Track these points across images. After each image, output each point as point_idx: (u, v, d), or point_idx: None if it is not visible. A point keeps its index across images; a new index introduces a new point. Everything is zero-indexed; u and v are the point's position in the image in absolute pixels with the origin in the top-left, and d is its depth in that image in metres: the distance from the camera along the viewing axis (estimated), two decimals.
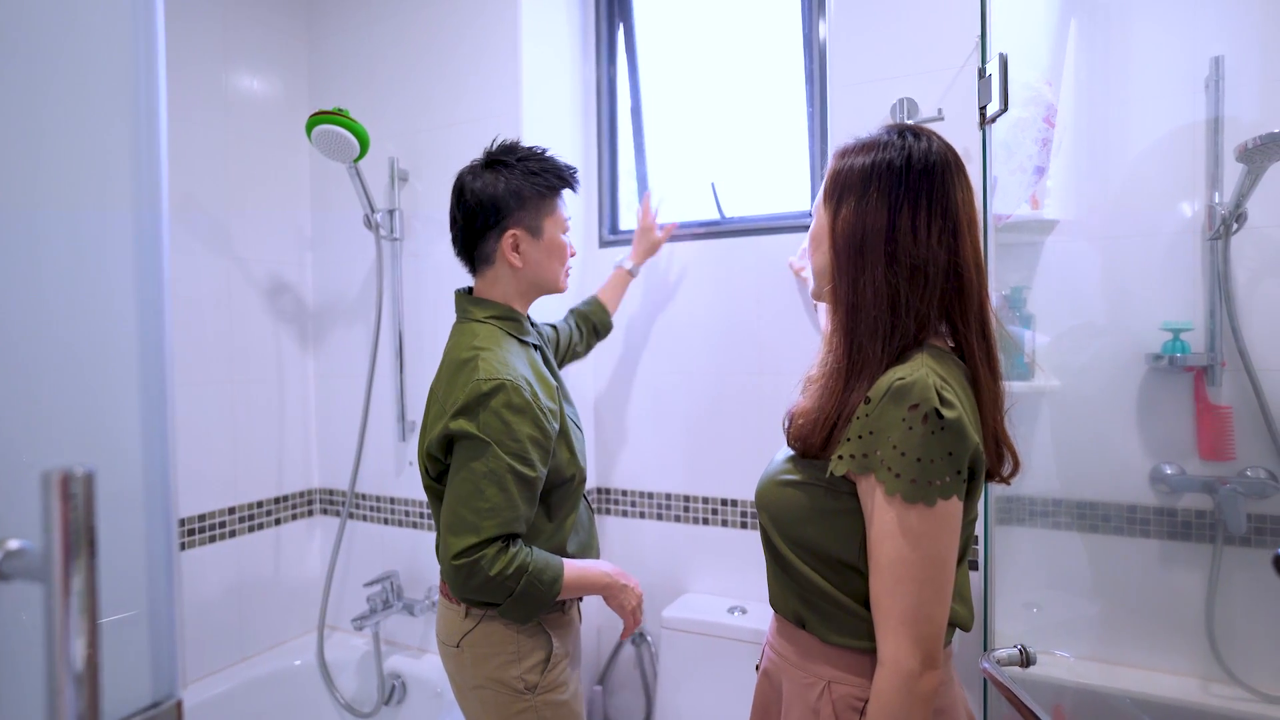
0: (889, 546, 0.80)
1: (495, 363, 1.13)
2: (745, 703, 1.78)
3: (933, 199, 0.84)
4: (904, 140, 0.87)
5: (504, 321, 1.24)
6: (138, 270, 0.54)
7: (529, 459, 1.11)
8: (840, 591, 0.88)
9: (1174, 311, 1.54)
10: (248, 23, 2.06)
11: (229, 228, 1.99)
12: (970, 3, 1.45)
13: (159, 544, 0.55)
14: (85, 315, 0.51)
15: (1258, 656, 1.47)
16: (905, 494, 0.78)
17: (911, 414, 0.77)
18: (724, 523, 1.99)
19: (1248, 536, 1.47)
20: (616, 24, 2.16)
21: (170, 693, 0.55)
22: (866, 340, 0.85)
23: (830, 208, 0.89)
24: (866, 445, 0.81)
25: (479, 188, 1.23)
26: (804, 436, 0.88)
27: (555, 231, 1.27)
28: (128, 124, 0.54)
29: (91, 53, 0.52)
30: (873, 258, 0.84)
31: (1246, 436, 1.47)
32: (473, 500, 1.08)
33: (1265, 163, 1.36)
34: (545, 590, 1.13)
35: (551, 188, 1.26)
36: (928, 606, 0.80)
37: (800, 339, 1.88)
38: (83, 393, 0.51)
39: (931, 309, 0.85)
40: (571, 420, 1.26)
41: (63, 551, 0.43)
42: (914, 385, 0.78)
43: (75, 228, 0.51)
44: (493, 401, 1.09)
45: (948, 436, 0.78)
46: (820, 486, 0.87)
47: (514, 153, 1.26)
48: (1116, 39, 1.61)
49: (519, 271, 1.25)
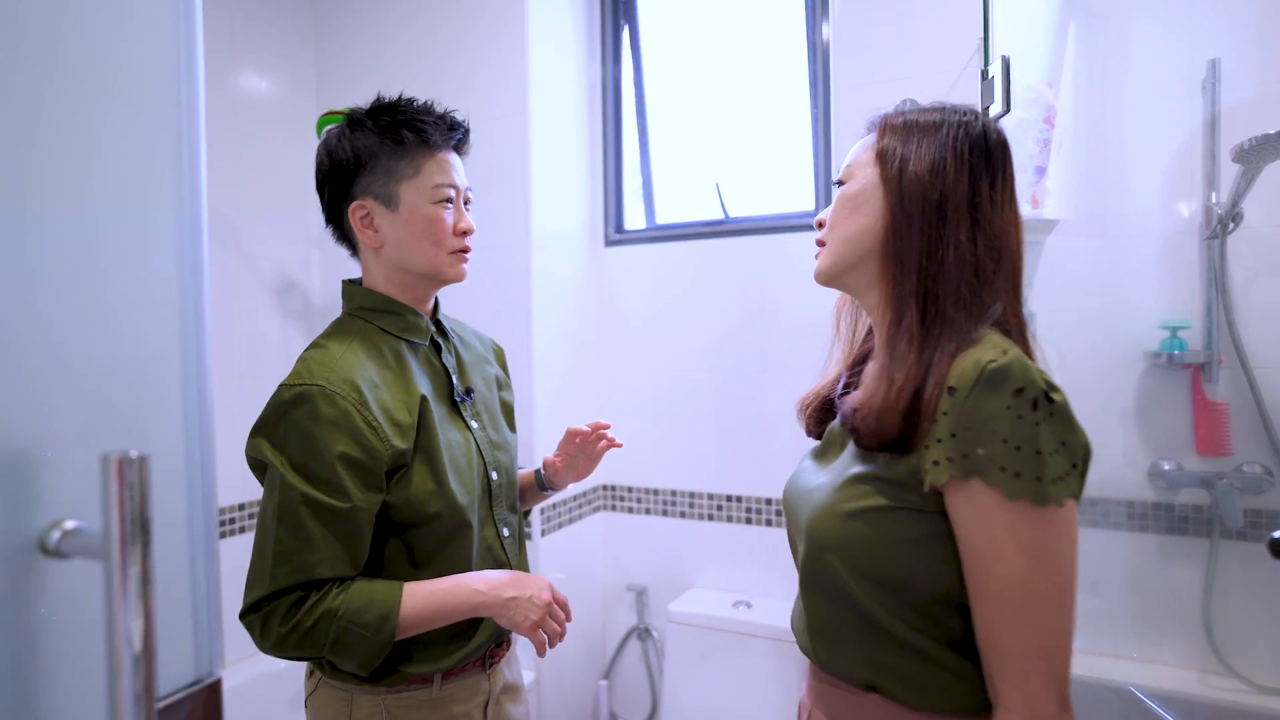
0: (1005, 567, 0.65)
1: (314, 364, 0.91)
2: (750, 697, 1.81)
3: (1006, 174, 0.76)
4: (977, 116, 0.78)
5: (375, 314, 1.00)
6: (179, 266, 0.56)
7: (338, 485, 0.87)
8: (934, 640, 0.71)
9: (1172, 310, 1.56)
10: (255, 21, 2.07)
11: (237, 226, 2.01)
12: (970, 5, 1.47)
13: (200, 529, 0.57)
14: (132, 309, 0.53)
15: (1254, 649, 1.49)
16: (1035, 495, 0.64)
17: (1017, 400, 0.65)
18: (729, 518, 2.01)
19: (1244, 531, 1.50)
20: (621, 24, 2.19)
21: (210, 671, 0.57)
22: (950, 306, 0.72)
23: (890, 162, 0.76)
24: (964, 444, 0.66)
25: (322, 151, 1.01)
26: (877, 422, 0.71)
27: (418, 200, 0.97)
28: (170, 127, 0.56)
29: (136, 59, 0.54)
30: (956, 219, 0.73)
31: (1243, 432, 1.50)
32: (262, 544, 0.88)
33: (1261, 163, 1.39)
34: (371, 633, 0.87)
35: (401, 142, 0.96)
36: (1057, 636, 0.65)
37: (803, 336, 1.90)
38: (129, 382, 0.53)
39: (1008, 294, 0.74)
40: (451, 444, 0.99)
41: (120, 533, 0.45)
42: (1011, 367, 0.66)
43: (123, 227, 0.53)
44: (295, 413, 0.88)
45: (1059, 424, 0.65)
46: (909, 509, 0.70)
47: (374, 106, 1.01)
48: (1115, 41, 1.64)
49: (381, 253, 1.00)
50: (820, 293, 1.89)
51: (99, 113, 0.51)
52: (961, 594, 0.70)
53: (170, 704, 0.53)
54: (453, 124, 1.02)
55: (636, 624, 2.13)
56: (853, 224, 0.78)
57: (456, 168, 1.02)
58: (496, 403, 1.13)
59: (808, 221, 1.93)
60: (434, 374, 1.04)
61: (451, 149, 1.02)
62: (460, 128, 1.03)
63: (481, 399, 1.09)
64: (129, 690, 0.44)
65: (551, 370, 1.97)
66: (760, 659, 1.78)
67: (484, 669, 1.02)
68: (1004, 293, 0.74)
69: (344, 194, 0.99)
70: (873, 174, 0.78)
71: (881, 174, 0.77)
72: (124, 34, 0.53)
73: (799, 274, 1.92)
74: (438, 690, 0.97)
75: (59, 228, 0.48)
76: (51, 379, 0.48)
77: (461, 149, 1.05)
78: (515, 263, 1.92)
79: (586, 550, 2.13)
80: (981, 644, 0.69)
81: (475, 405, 1.07)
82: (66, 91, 0.49)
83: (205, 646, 0.57)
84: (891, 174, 0.76)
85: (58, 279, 0.48)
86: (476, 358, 1.14)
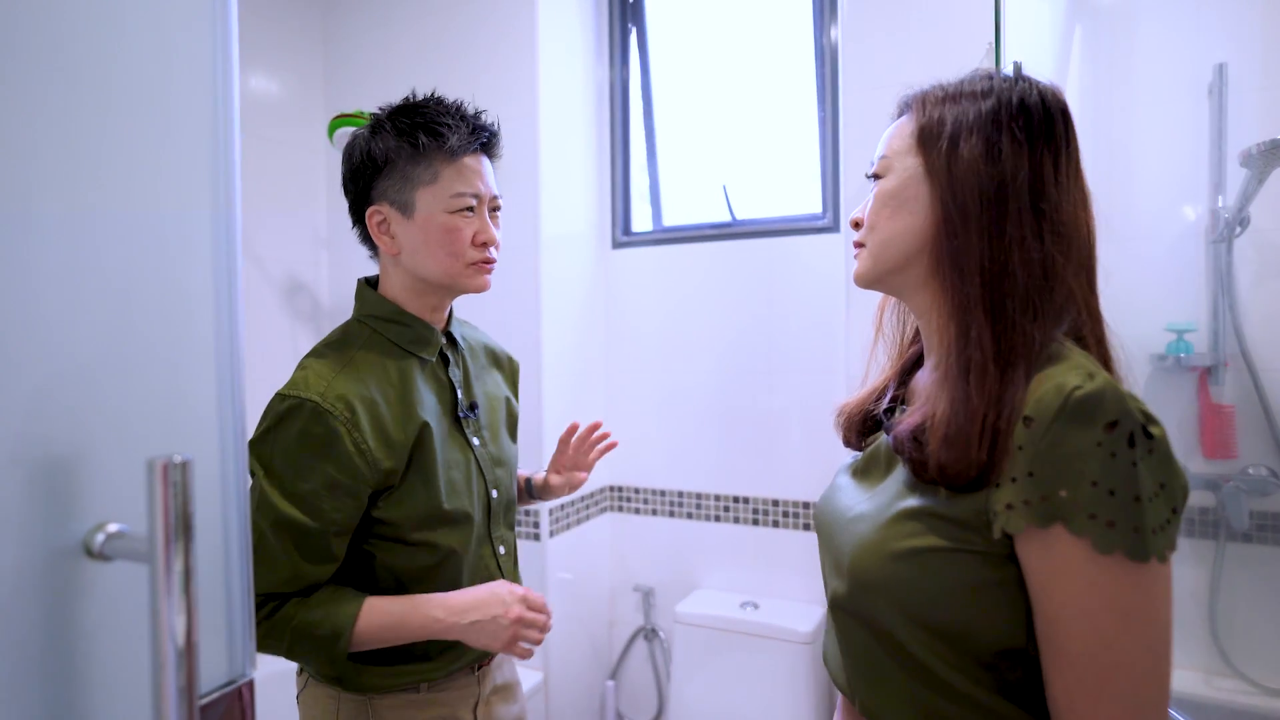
0: (1090, 628, 0.56)
1: (312, 375, 0.89)
2: (757, 697, 1.82)
3: (1071, 146, 0.66)
4: (1017, 81, 0.67)
5: (384, 324, 0.98)
6: (214, 268, 0.57)
7: (315, 505, 0.86)
8: (990, 690, 0.62)
9: (1178, 313, 1.57)
10: (264, 23, 2.08)
11: (245, 227, 2.01)
12: (977, 9, 1.48)
13: (235, 530, 0.58)
14: (169, 312, 0.54)
15: (1260, 650, 1.51)
16: (1131, 548, 0.55)
17: (1110, 436, 0.55)
18: (736, 519, 2.02)
19: (1250, 533, 1.51)
20: (629, 27, 2.19)
21: (244, 672, 0.58)
22: (1020, 316, 0.62)
23: (935, 150, 0.66)
24: (1044, 485, 0.57)
25: (345, 153, 0.99)
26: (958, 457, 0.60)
27: (434, 208, 0.93)
28: (205, 128, 0.56)
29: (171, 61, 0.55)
30: (1019, 211, 0.63)
31: (1249, 435, 1.51)
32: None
33: (1268, 168, 1.40)
34: (323, 647, 0.87)
35: (417, 147, 0.92)
36: (1151, 710, 0.56)
37: (811, 338, 1.91)
38: (165, 386, 0.54)
39: (1081, 288, 0.65)
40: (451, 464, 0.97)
41: (164, 535, 0.45)
42: (1103, 395, 0.56)
43: (160, 230, 0.54)
44: (285, 426, 0.87)
45: (1157, 463, 0.56)
46: (971, 551, 0.61)
47: (398, 107, 0.98)
48: (1121, 45, 1.65)
49: (398, 260, 0.97)
50: (827, 295, 1.91)
51: (135, 115, 0.51)
52: (1029, 645, 0.61)
53: (208, 703, 0.54)
54: (475, 127, 0.96)
55: (643, 624, 2.14)
56: (895, 224, 0.69)
57: (482, 175, 0.97)
58: (501, 414, 1.11)
59: (815, 224, 1.94)
60: (439, 388, 1.01)
61: (479, 153, 0.97)
62: (485, 130, 0.97)
63: (485, 413, 1.06)
64: (173, 686, 0.45)
65: (560, 372, 1.98)
66: (767, 660, 1.79)
67: (473, 672, 1.02)
68: (1077, 289, 0.65)
69: (364, 198, 0.97)
70: (914, 164, 0.68)
71: (925, 164, 0.67)
72: (160, 36, 0.54)
73: (806, 276, 1.92)
74: (425, 693, 0.97)
75: (95, 231, 0.49)
76: (92, 384, 0.49)
77: (491, 152, 1.00)
78: (524, 265, 1.92)
79: (593, 551, 2.14)
80: (1057, 709, 0.59)
81: (478, 421, 1.04)
82: (104, 94, 0.50)
83: (239, 646, 0.57)
84: (938, 163, 0.66)
85: (94, 282, 0.49)
86: (484, 368, 1.11)
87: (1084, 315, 0.66)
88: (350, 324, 1.00)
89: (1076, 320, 0.66)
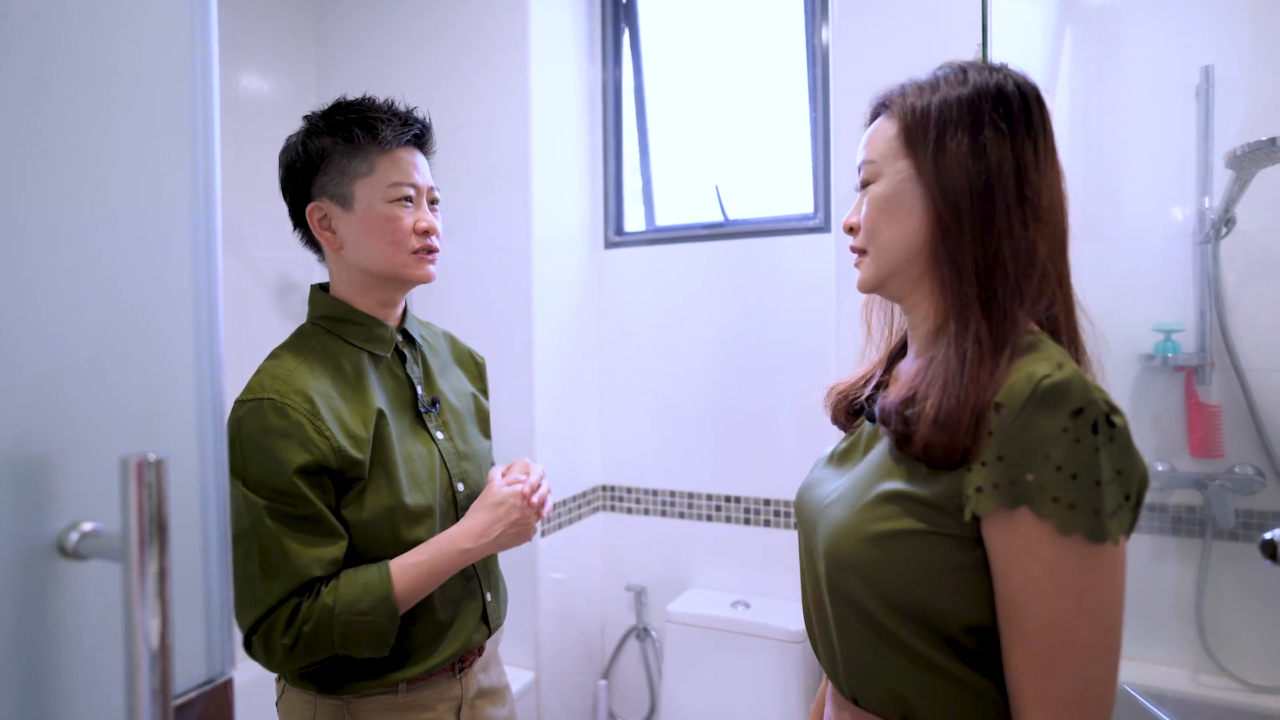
0: (1046, 607, 0.59)
1: (266, 377, 0.91)
2: (749, 696, 1.82)
3: (1047, 132, 0.68)
4: (999, 70, 0.69)
5: (337, 324, 0.99)
6: (193, 267, 0.57)
7: (299, 494, 0.87)
8: (964, 664, 0.65)
9: (1166, 313, 1.58)
10: (256, 22, 2.08)
11: (237, 226, 2.01)
12: (969, 11, 1.48)
13: (213, 529, 0.58)
14: (146, 311, 0.54)
15: (1245, 648, 1.51)
16: (1090, 530, 0.57)
17: (1076, 422, 0.58)
18: (727, 519, 2.03)
19: (1236, 531, 1.52)
20: (622, 27, 2.20)
21: (223, 671, 0.58)
22: (1012, 304, 0.65)
23: (923, 151, 0.68)
24: (1013, 469, 0.59)
25: (284, 155, 0.99)
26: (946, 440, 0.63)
27: (373, 198, 0.95)
28: (184, 128, 0.56)
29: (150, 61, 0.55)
30: (1005, 202, 0.65)
31: (1235, 434, 1.51)
32: (245, 566, 0.87)
33: (1253, 169, 1.40)
34: (374, 617, 0.88)
35: (352, 140, 0.94)
36: (1100, 686, 0.59)
37: (802, 338, 1.92)
38: (142, 384, 0.54)
39: (1056, 265, 0.67)
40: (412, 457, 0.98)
41: (139, 534, 0.45)
42: (1070, 384, 0.59)
43: (137, 228, 0.54)
44: (247, 427, 0.87)
45: (1117, 450, 0.58)
46: (943, 534, 0.63)
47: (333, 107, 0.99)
48: (1110, 47, 1.66)
49: (341, 255, 0.99)
50: (819, 295, 1.91)
51: (112, 113, 0.51)
52: (994, 622, 0.64)
53: (184, 703, 0.54)
54: (407, 120, 0.98)
55: (635, 624, 2.14)
56: (894, 230, 0.70)
57: (418, 167, 0.99)
58: (468, 409, 1.11)
59: (807, 224, 1.95)
60: (396, 385, 1.01)
61: (412, 147, 1.00)
62: (417, 123, 0.99)
63: (449, 408, 1.06)
64: (147, 687, 0.45)
65: (552, 372, 1.98)
66: (759, 659, 1.80)
67: (454, 674, 1.01)
68: (1052, 267, 0.67)
69: (303, 196, 0.98)
70: (904, 167, 0.69)
71: (914, 165, 0.68)
72: (139, 35, 0.54)
73: (798, 276, 1.93)
74: (403, 695, 0.97)
75: (74, 229, 0.49)
76: (67, 382, 0.49)
77: (424, 147, 1.02)
78: (516, 265, 1.92)
79: (585, 551, 2.14)
80: (1012, 686, 0.62)
81: (441, 415, 1.04)
82: (81, 92, 0.50)
83: (217, 646, 0.58)
84: (927, 164, 0.67)
85: (72, 281, 0.49)
86: (445, 365, 1.12)
87: (1060, 306, 0.68)
88: (303, 327, 1.01)
89: (1051, 298, 0.68)
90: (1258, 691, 1.47)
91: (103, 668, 0.51)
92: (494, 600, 1.08)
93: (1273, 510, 1.49)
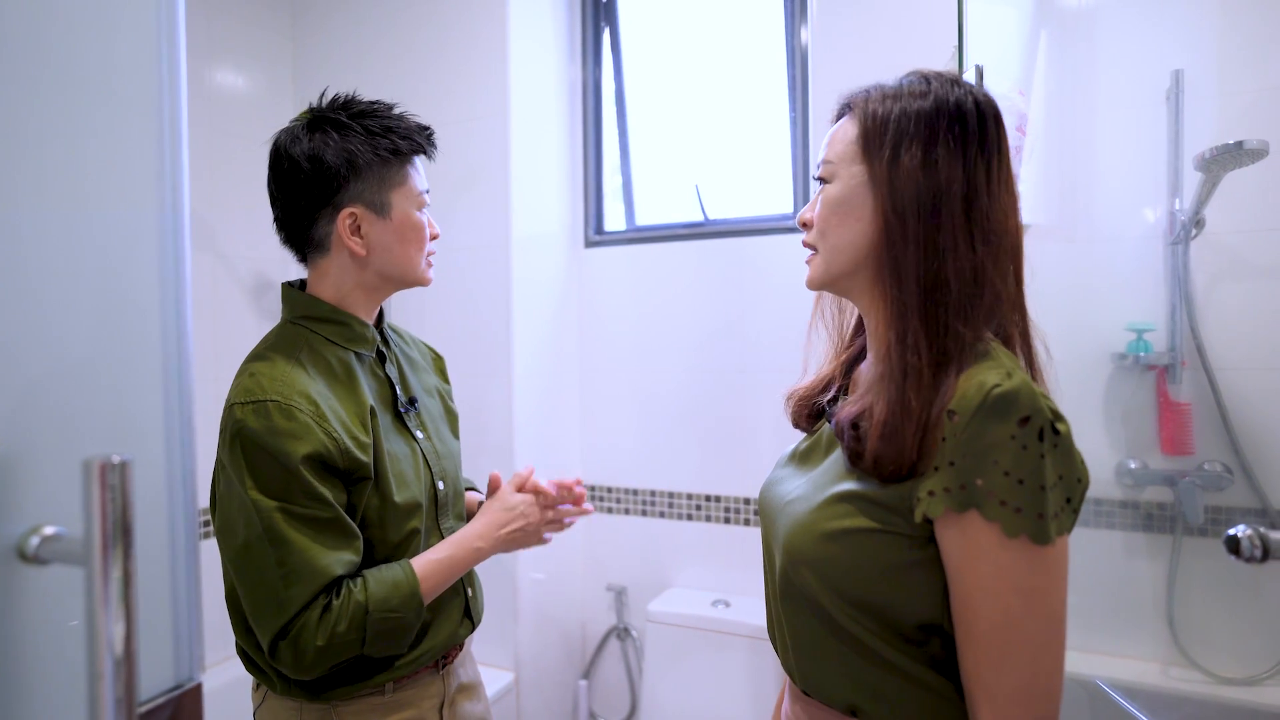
0: (996, 606, 0.61)
1: (264, 379, 0.89)
2: (728, 695, 1.83)
3: (1002, 152, 0.69)
4: (961, 86, 0.70)
5: (320, 324, 0.97)
6: (160, 268, 0.56)
7: (313, 493, 0.85)
8: (916, 661, 0.68)
9: (1138, 312, 1.61)
10: (231, 18, 2.05)
11: (212, 225, 1.98)
12: (946, 13, 1.50)
13: (181, 532, 0.57)
14: (112, 312, 0.53)
15: (1213, 641, 1.54)
16: (1035, 532, 0.60)
17: (1023, 430, 0.60)
18: (708, 518, 2.03)
19: (1204, 527, 1.54)
20: (602, 26, 2.19)
21: (191, 676, 0.57)
22: (953, 319, 0.66)
23: (878, 160, 0.69)
24: (963, 474, 0.62)
25: (302, 154, 0.95)
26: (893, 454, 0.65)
27: (408, 207, 0.98)
28: (152, 127, 0.55)
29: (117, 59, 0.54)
30: (951, 221, 0.67)
31: (1204, 432, 1.54)
32: (263, 573, 0.85)
33: (1221, 172, 1.43)
34: (404, 613, 0.89)
35: (398, 152, 0.97)
36: (1047, 678, 0.62)
37: (782, 338, 1.92)
38: (109, 386, 0.53)
39: (1008, 288, 0.69)
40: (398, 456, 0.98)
41: (102, 538, 0.45)
42: (1018, 392, 0.61)
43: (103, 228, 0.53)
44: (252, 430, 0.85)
45: (1060, 456, 0.62)
46: (895, 534, 0.66)
47: (350, 109, 0.98)
48: (1084, 51, 1.68)
49: (364, 260, 0.98)
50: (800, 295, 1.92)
51: (78, 112, 0.50)
52: (946, 621, 0.66)
53: (150, 709, 0.53)
54: (429, 131, 1.03)
55: (616, 624, 2.14)
56: (843, 232, 0.72)
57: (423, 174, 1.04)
58: (440, 411, 1.12)
59: (787, 224, 1.96)
60: (379, 385, 1.02)
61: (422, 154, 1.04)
62: (430, 131, 1.04)
63: (424, 408, 1.07)
64: (110, 695, 0.44)
65: (531, 372, 1.97)
66: (738, 657, 1.80)
67: (437, 671, 1.02)
68: (1004, 289, 0.69)
69: (325, 200, 0.96)
70: (859, 172, 0.71)
71: (869, 172, 0.70)
72: (106, 33, 0.53)
73: (778, 276, 1.94)
74: (390, 695, 0.97)
75: (37, 228, 0.48)
76: (28, 383, 0.48)
77: (431, 153, 1.06)
78: (495, 264, 1.91)
79: (566, 551, 2.13)
80: (966, 681, 0.65)
81: (419, 415, 1.05)
82: (46, 90, 0.49)
83: (186, 651, 0.57)
84: (880, 173, 0.69)
85: (36, 280, 0.48)
86: (417, 366, 1.12)
87: (1013, 313, 0.71)
88: (284, 328, 0.99)
89: (1004, 319, 0.70)
90: (1226, 684, 1.50)
91: (65, 675, 0.49)
92: (474, 595, 1.09)
93: (1240, 506, 1.52)
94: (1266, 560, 0.73)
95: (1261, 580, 1.51)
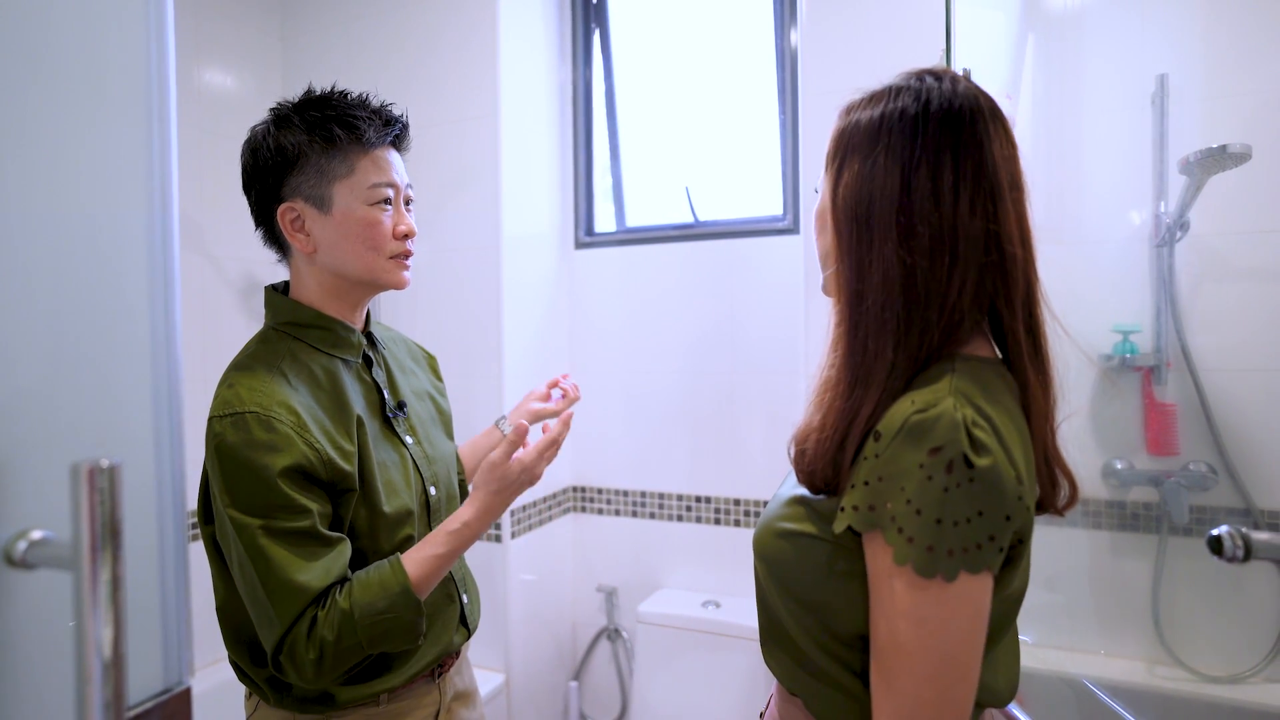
0: (889, 628, 0.62)
1: (243, 390, 0.86)
2: (719, 696, 1.83)
3: (960, 153, 0.65)
4: (922, 83, 0.67)
5: (303, 330, 0.94)
6: (149, 270, 0.56)
7: (294, 506, 0.83)
8: (844, 668, 0.69)
9: (1125, 314, 1.62)
10: (220, 18, 2.03)
11: (200, 225, 1.97)
12: (935, 16, 1.51)
13: (170, 536, 0.56)
14: (100, 314, 0.53)
15: (1198, 640, 1.56)
16: (919, 564, 0.59)
17: (932, 460, 0.59)
18: (698, 519, 2.03)
19: (1189, 527, 1.56)
20: (592, 27, 2.19)
21: (180, 680, 0.57)
22: (873, 338, 0.65)
23: (832, 175, 0.70)
24: (875, 495, 0.62)
25: (246, 148, 0.94)
26: (809, 466, 0.68)
27: (353, 202, 0.91)
28: (141, 128, 0.55)
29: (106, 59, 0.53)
30: (881, 230, 0.65)
31: (1189, 432, 1.56)
32: (252, 590, 0.84)
33: (1205, 175, 1.45)
34: (397, 612, 0.86)
35: (331, 140, 0.90)
36: (929, 709, 0.60)
37: (772, 339, 1.93)
38: (97, 388, 0.52)
39: (964, 296, 0.65)
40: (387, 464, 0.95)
41: (90, 541, 0.44)
42: (937, 421, 0.59)
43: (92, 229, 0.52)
44: (231, 443, 0.83)
45: (978, 491, 0.59)
46: (831, 543, 0.66)
47: (305, 101, 0.94)
48: (1071, 55, 1.70)
49: (313, 258, 0.94)
50: (788, 296, 1.93)
51: (67, 112, 0.50)
52: None
53: (139, 713, 0.52)
54: (389, 119, 0.95)
55: (606, 625, 2.14)
56: (820, 243, 0.74)
57: (395, 166, 0.96)
58: (430, 414, 1.09)
59: (777, 226, 1.96)
60: (366, 390, 0.98)
61: (389, 146, 0.96)
62: (397, 123, 0.96)
63: (414, 412, 1.04)
64: (98, 699, 0.44)
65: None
66: (729, 658, 1.81)
67: (433, 679, 1.01)
68: (970, 297, 0.65)
69: (272, 195, 0.93)
70: (826, 184, 0.72)
71: (829, 183, 0.71)
72: (94, 33, 0.52)
73: (768, 277, 1.94)
74: (385, 705, 0.95)
75: (25, 229, 0.48)
76: (16, 386, 0.48)
77: (401, 145, 0.99)
78: (486, 265, 1.91)
79: (556, 552, 2.13)
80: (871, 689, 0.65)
81: (409, 420, 1.02)
82: (33, 90, 0.48)
83: (175, 654, 0.56)
84: (831, 186, 0.70)
85: (22, 281, 0.48)
86: (406, 368, 1.10)
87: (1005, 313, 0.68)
88: (266, 334, 0.96)
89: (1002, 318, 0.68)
90: (1210, 682, 1.52)
91: (54, 680, 0.49)
92: (470, 602, 1.08)
93: (1225, 506, 1.54)
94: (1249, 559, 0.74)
95: (1244, 579, 1.53)
